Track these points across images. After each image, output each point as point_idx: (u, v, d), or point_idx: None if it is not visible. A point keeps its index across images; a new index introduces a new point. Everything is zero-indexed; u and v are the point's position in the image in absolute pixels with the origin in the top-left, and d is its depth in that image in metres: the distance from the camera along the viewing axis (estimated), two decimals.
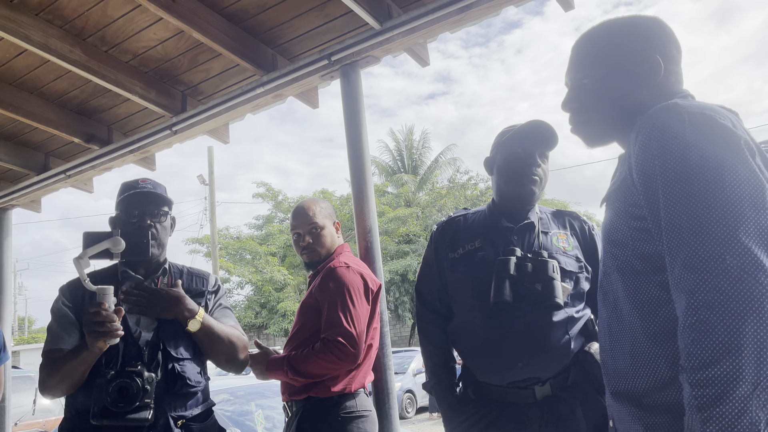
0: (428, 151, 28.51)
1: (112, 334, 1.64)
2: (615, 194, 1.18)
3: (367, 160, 2.70)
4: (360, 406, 2.19)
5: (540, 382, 1.85)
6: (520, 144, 1.99)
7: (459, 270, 2.01)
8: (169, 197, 2.02)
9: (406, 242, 22.43)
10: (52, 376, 1.78)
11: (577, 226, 2.07)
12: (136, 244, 1.84)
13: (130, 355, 1.81)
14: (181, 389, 1.86)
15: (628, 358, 1.13)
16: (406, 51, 2.81)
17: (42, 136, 3.94)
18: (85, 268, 1.73)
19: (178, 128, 3.38)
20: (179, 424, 1.83)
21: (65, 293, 1.93)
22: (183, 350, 1.90)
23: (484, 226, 2.05)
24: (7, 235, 4.46)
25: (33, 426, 7.77)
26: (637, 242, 1.10)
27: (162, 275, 2.01)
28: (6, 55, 3.07)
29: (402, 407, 12.84)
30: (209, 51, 3.05)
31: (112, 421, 1.72)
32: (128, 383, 1.72)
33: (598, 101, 1.27)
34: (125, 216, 1.94)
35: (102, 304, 1.64)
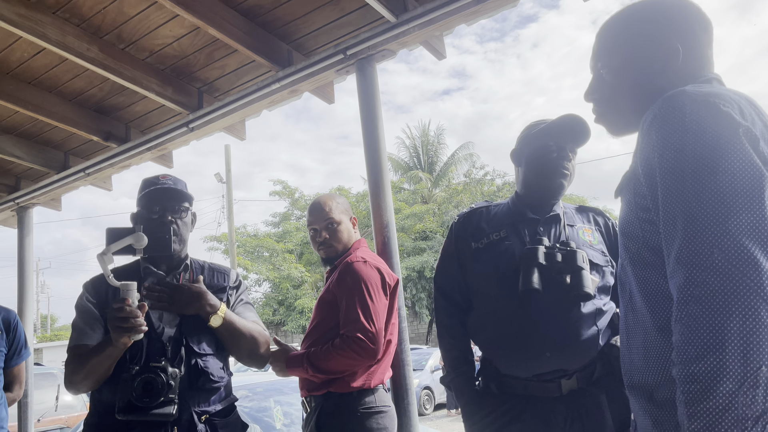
0: (444, 147, 28.45)
1: (136, 330, 1.65)
2: (626, 185, 1.16)
3: (384, 154, 2.68)
4: (379, 401, 2.18)
5: (566, 375, 1.82)
6: (552, 137, 1.96)
7: (483, 260, 1.98)
8: (189, 193, 2.02)
9: (422, 239, 22.41)
10: (77, 372, 1.79)
11: (601, 222, 2.06)
12: (158, 239, 1.85)
13: (153, 351, 1.82)
14: (204, 384, 1.87)
15: (641, 351, 1.11)
16: (422, 44, 2.78)
17: (61, 134, 3.98)
18: (108, 264, 1.74)
19: (194, 125, 3.39)
20: (203, 419, 1.84)
21: (89, 289, 1.94)
22: (205, 346, 1.90)
23: (509, 217, 2.03)
24: (28, 233, 4.52)
25: (56, 422, 7.88)
26: (646, 234, 1.08)
27: (183, 271, 2.01)
28: (24, 55, 3.10)
29: (420, 404, 12.84)
30: (225, 47, 3.05)
31: (137, 416, 1.73)
32: (153, 378, 1.73)
33: (617, 92, 1.25)
34: (146, 212, 1.95)
35: (126, 300, 1.64)
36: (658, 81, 1.19)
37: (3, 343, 2.73)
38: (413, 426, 2.39)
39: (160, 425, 1.76)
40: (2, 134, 3.93)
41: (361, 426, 2.11)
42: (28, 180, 4.52)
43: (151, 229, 1.85)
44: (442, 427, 11.07)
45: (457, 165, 26.88)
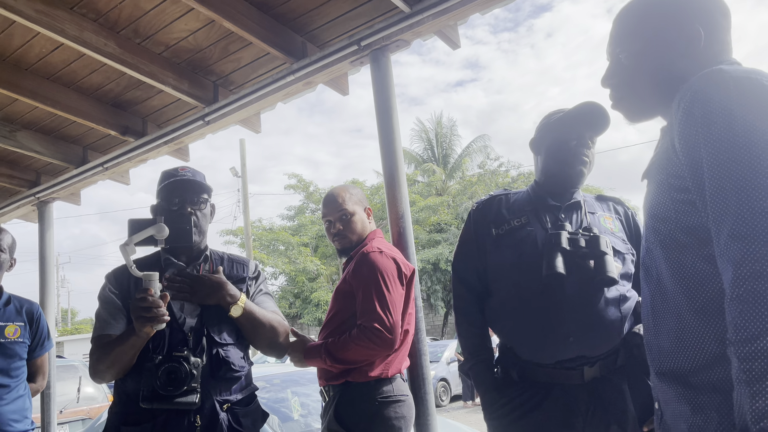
0: (458, 139, 28.33)
1: (158, 320, 1.66)
2: (657, 167, 1.15)
3: (399, 145, 2.68)
4: (397, 390, 2.19)
5: (589, 362, 1.81)
6: (572, 125, 1.96)
7: (504, 246, 1.97)
8: (208, 184, 2.04)
9: (437, 231, 22.38)
10: (101, 362, 1.82)
11: (621, 212, 2.06)
12: (180, 230, 1.87)
13: (175, 341, 1.85)
14: (226, 374, 1.89)
15: (674, 335, 1.09)
16: (436, 34, 2.77)
17: (80, 129, 4.02)
18: (131, 254, 1.75)
19: (210, 118, 3.41)
20: (224, 407, 1.86)
21: (111, 280, 1.97)
22: (226, 335, 1.93)
23: (530, 204, 2.02)
24: (49, 228, 4.58)
25: (77, 413, 8.00)
26: (680, 215, 1.07)
27: (203, 262, 2.04)
28: (43, 50, 3.14)
29: (436, 395, 12.87)
30: (240, 40, 3.06)
31: (161, 405, 1.76)
32: (176, 368, 1.76)
33: (636, 76, 1.24)
34: (166, 204, 1.98)
35: (148, 290, 1.66)
36: (678, 65, 1.18)
37: (27, 334, 2.78)
38: (430, 415, 2.40)
39: (183, 413, 1.79)
40: (22, 130, 3.98)
41: (379, 414, 2.12)
42: (48, 175, 4.58)
43: (171, 221, 1.87)
44: (459, 418, 11.09)
45: (471, 156, 26.76)
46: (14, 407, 2.66)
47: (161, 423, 1.78)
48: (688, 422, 1.05)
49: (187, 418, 1.80)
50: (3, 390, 2.62)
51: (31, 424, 2.76)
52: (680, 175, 1.06)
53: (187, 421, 1.80)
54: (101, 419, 5.79)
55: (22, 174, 4.58)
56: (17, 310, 2.80)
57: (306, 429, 3.72)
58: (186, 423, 1.79)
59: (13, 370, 2.68)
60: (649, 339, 1.19)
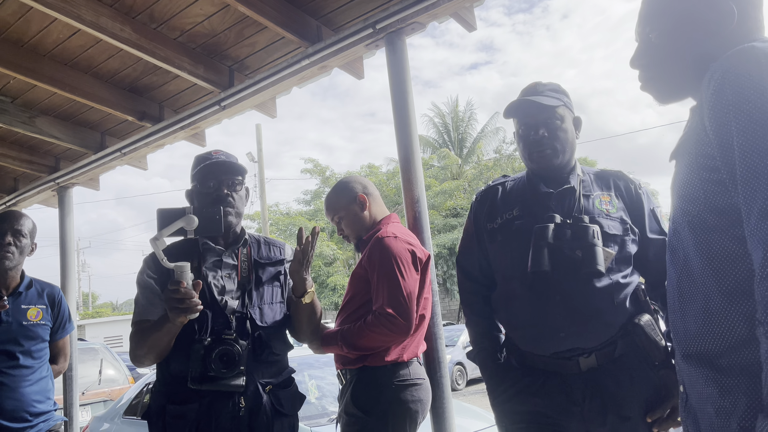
0: (474, 122, 28.11)
1: (191, 310, 1.67)
2: (685, 147, 1.13)
3: (414, 129, 2.67)
4: (413, 374, 2.20)
5: (585, 353, 1.79)
6: (517, 119, 1.96)
7: (498, 240, 1.97)
8: (242, 166, 2.03)
9: (453, 216, 22.32)
10: (140, 346, 1.86)
11: (623, 186, 1.96)
12: (210, 220, 1.84)
13: (218, 324, 1.86)
14: (268, 357, 1.92)
15: (701, 317, 1.08)
16: (452, 16, 2.74)
17: (98, 115, 4.05)
18: (161, 247, 1.74)
19: (226, 103, 3.42)
20: (267, 389, 1.89)
21: (149, 264, 1.96)
22: (268, 318, 1.94)
23: (522, 194, 1.99)
24: (68, 213, 4.64)
25: (99, 395, 8.16)
26: (710, 195, 1.05)
27: (242, 246, 2.03)
28: (60, 36, 3.16)
29: (452, 379, 12.92)
30: (255, 24, 3.05)
31: (209, 386, 1.79)
32: (230, 350, 1.79)
33: (666, 55, 1.22)
34: (201, 187, 1.97)
35: (180, 282, 1.65)
36: (710, 43, 1.16)
37: (48, 317, 2.83)
38: (446, 398, 2.41)
39: (228, 395, 1.81)
40: (42, 115, 4.02)
41: (395, 397, 2.14)
42: (67, 160, 4.63)
43: (204, 207, 1.88)
44: (475, 402, 11.13)
45: (487, 139, 26.57)
46: (38, 388, 2.71)
47: (207, 404, 1.81)
48: (716, 405, 1.03)
49: (232, 400, 1.82)
50: (26, 371, 2.67)
51: (54, 405, 2.82)
52: (710, 155, 1.04)
53: (231, 403, 1.82)
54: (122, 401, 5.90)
55: (41, 160, 4.64)
56: (39, 293, 2.84)
57: (322, 412, 3.75)
58: (231, 405, 1.81)
59: (36, 352, 2.73)
60: (676, 321, 1.18)
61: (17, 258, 2.73)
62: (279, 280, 2.05)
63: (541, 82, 1.98)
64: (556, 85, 1.97)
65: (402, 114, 2.65)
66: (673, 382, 1.75)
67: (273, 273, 2.04)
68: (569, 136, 1.92)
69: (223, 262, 1.98)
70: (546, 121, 1.89)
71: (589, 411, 1.78)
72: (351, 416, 2.16)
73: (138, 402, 5.72)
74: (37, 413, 2.69)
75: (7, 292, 2.74)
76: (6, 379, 2.61)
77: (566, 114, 1.92)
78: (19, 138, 4.35)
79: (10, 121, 3.85)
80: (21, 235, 2.74)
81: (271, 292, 2.00)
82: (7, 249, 2.68)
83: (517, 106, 1.93)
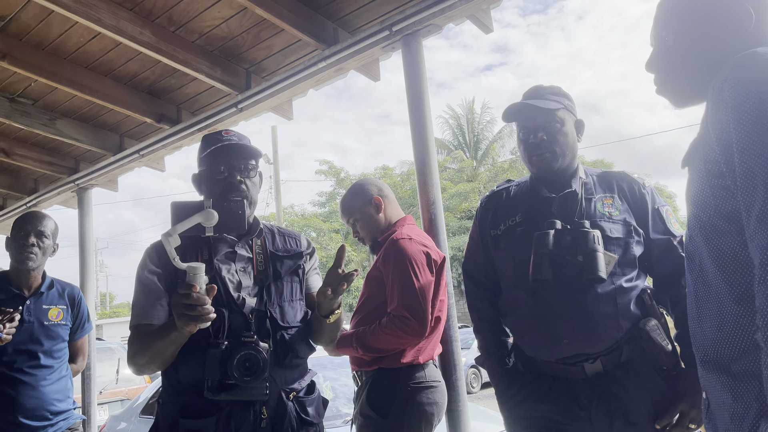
0: (491, 125, 28.02)
1: (203, 318, 1.45)
2: (695, 153, 1.12)
3: (430, 131, 2.67)
4: (429, 376, 2.20)
5: (590, 358, 1.78)
6: (517, 122, 1.96)
7: (501, 247, 1.97)
8: (257, 148, 1.79)
9: (468, 218, 22.26)
10: (140, 354, 1.63)
11: (626, 187, 1.93)
12: (231, 216, 1.64)
13: (236, 324, 1.64)
14: (291, 361, 1.72)
15: (715, 323, 1.07)
16: (468, 18, 2.73)
17: (117, 117, 4.10)
18: (174, 244, 1.50)
19: (243, 106, 3.44)
20: (291, 397, 1.70)
21: (152, 256, 1.72)
22: (289, 318, 1.74)
23: (525, 199, 1.99)
24: (87, 213, 4.70)
25: (117, 394, 8.24)
26: (718, 201, 1.04)
27: (256, 237, 1.82)
28: (81, 40, 3.20)
29: (467, 382, 12.87)
30: (272, 27, 3.07)
31: (228, 396, 1.57)
32: (254, 355, 1.56)
33: (683, 58, 1.21)
34: (211, 173, 1.75)
35: (192, 286, 1.43)
36: (728, 46, 1.15)
37: (68, 317, 2.87)
38: (461, 401, 2.40)
39: (248, 405, 1.61)
40: (62, 118, 4.08)
41: (411, 400, 2.13)
42: (86, 162, 4.69)
43: (221, 202, 1.64)
44: (490, 405, 11.07)
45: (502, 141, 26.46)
46: (57, 387, 2.75)
47: (225, 415, 1.59)
48: (730, 410, 1.03)
49: (253, 410, 1.61)
50: (47, 371, 2.71)
51: (73, 404, 2.86)
52: (715, 160, 1.03)
53: (253, 412, 1.61)
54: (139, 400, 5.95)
55: (62, 161, 4.70)
56: (60, 293, 2.88)
57: (336, 413, 3.75)
58: (252, 415, 1.61)
59: (56, 352, 2.77)
60: (693, 327, 1.17)
61: (40, 259, 2.78)
62: (298, 275, 1.83)
63: (542, 86, 1.98)
64: (557, 88, 1.97)
65: (418, 116, 2.65)
66: (682, 388, 1.74)
67: (292, 267, 1.81)
68: (569, 140, 1.91)
69: (237, 254, 1.76)
70: (545, 125, 1.89)
71: (596, 416, 1.77)
72: (366, 418, 2.16)
73: (155, 401, 5.77)
74: (57, 412, 2.73)
75: (29, 292, 2.78)
76: (27, 378, 2.64)
77: (567, 117, 1.92)
78: (40, 140, 4.42)
79: (32, 123, 3.91)
80: (44, 236, 2.78)
81: (290, 288, 1.79)
82: (31, 250, 2.72)
83: (516, 109, 1.93)
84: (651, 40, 1.29)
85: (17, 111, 3.83)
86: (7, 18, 3.00)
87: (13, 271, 2.77)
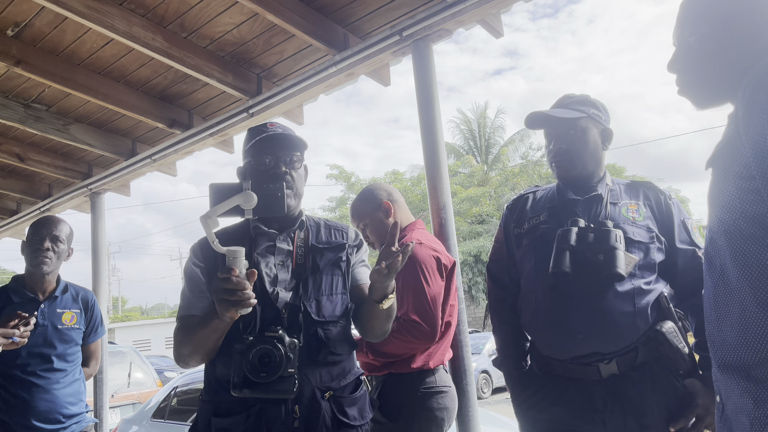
0: (501, 129, 27.97)
1: (243, 303, 1.42)
2: (721, 155, 1.11)
3: (441, 135, 2.67)
4: (440, 381, 2.19)
5: (605, 358, 1.77)
6: (544, 129, 2.03)
7: (524, 244, 1.99)
8: (302, 139, 1.76)
9: (478, 222, 22.20)
10: (184, 345, 1.62)
11: (652, 197, 1.97)
12: (270, 198, 1.58)
13: (268, 319, 1.61)
14: (326, 357, 1.65)
15: (737, 328, 1.06)
16: (478, 22, 2.73)
17: (129, 122, 4.14)
18: (213, 227, 1.48)
19: (254, 111, 3.46)
20: (326, 396, 1.63)
21: (196, 252, 1.74)
22: (327, 312, 1.67)
23: (551, 201, 2.02)
24: (100, 218, 4.74)
25: (128, 398, 8.29)
26: (745, 204, 1.03)
27: (299, 229, 1.78)
28: (94, 46, 3.23)
29: (478, 387, 12.81)
30: (283, 32, 3.09)
31: (253, 393, 1.53)
32: (269, 350, 1.52)
33: (706, 59, 1.19)
34: (256, 164, 1.72)
35: (232, 270, 1.41)
36: (752, 48, 1.14)
37: (82, 321, 2.89)
38: (472, 406, 2.39)
39: (279, 402, 1.57)
40: (76, 123, 4.12)
41: (422, 405, 2.13)
42: (99, 167, 4.73)
43: (261, 186, 1.57)
44: (501, 410, 11.01)
45: (513, 145, 26.40)
46: (71, 390, 2.77)
47: (255, 413, 1.56)
48: (750, 416, 1.02)
49: (285, 408, 1.57)
50: (60, 374, 2.73)
51: (86, 407, 2.87)
52: (745, 163, 1.02)
53: (284, 410, 1.57)
54: (150, 404, 5.98)
55: (75, 166, 4.75)
56: (73, 297, 2.90)
57: None
58: (283, 413, 1.56)
59: (70, 356, 2.78)
60: (712, 331, 1.16)
61: (54, 263, 2.80)
62: (340, 267, 1.76)
63: (570, 95, 2.03)
64: (584, 97, 2.01)
65: (428, 121, 2.65)
66: (698, 392, 1.72)
67: (332, 259, 1.75)
68: (590, 148, 1.95)
69: (277, 248, 1.72)
70: (565, 134, 1.94)
71: (609, 419, 1.76)
72: (376, 423, 2.16)
73: (166, 405, 5.80)
74: (70, 415, 2.74)
75: (44, 296, 2.80)
76: (41, 381, 2.66)
77: (590, 126, 1.95)
78: (54, 145, 4.46)
79: (45, 128, 3.95)
80: (59, 241, 2.80)
81: (330, 282, 1.73)
82: (45, 254, 2.75)
83: (536, 119, 2.01)
84: (673, 40, 1.28)
85: (31, 116, 3.88)
86: (21, 25, 3.04)
87: (28, 274, 2.80)
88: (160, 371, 11.98)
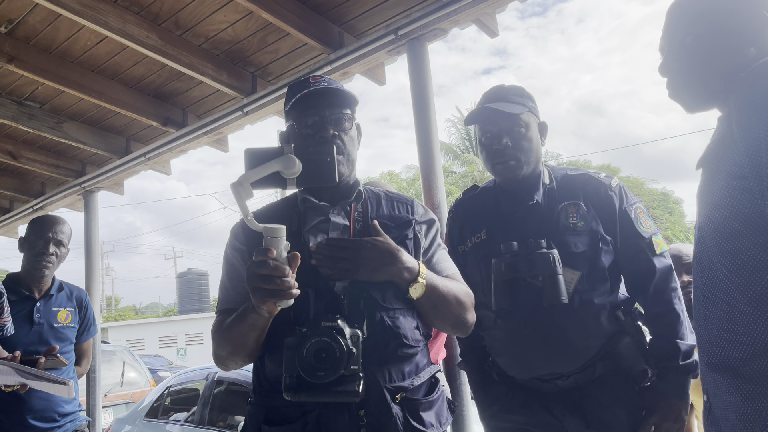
0: None
1: (282, 293, 1.17)
2: (712, 154, 1.12)
3: (436, 136, 2.67)
4: None
5: (563, 377, 1.76)
6: (479, 126, 1.87)
7: (470, 264, 1.90)
8: (352, 94, 1.48)
9: None
10: (221, 345, 1.39)
11: (592, 192, 1.81)
12: (318, 164, 1.29)
13: (324, 306, 1.34)
14: (396, 350, 1.37)
15: (725, 325, 1.07)
16: (473, 22, 2.74)
17: (123, 120, 4.12)
18: (247, 198, 1.21)
19: (249, 109, 3.45)
20: (398, 398, 1.35)
21: (237, 234, 1.50)
22: (393, 296, 1.39)
23: (489, 214, 1.92)
24: (94, 217, 4.72)
25: (121, 397, 8.27)
26: (736, 203, 1.04)
27: (355, 201, 1.51)
28: (88, 43, 3.22)
29: None
30: (277, 31, 3.08)
31: (310, 396, 1.26)
32: (328, 343, 1.23)
33: (700, 60, 1.20)
34: (299, 127, 1.47)
35: (269, 251, 1.16)
36: (746, 51, 1.15)
37: (76, 320, 2.88)
38: (465, 406, 2.39)
39: (342, 407, 1.30)
40: (69, 121, 4.10)
41: None
42: (93, 165, 4.71)
43: (307, 149, 1.32)
44: None
45: None
46: None
47: (313, 421, 1.30)
48: (738, 412, 1.03)
49: (349, 413, 1.31)
50: (55, 373, 2.72)
51: (79, 406, 2.86)
52: (738, 163, 1.03)
53: (348, 417, 1.30)
54: (144, 403, 5.97)
55: (68, 164, 4.73)
56: (68, 296, 2.90)
57: None
58: (347, 419, 1.30)
59: (64, 354, 2.77)
60: (700, 329, 1.17)
61: (56, 266, 2.81)
62: (407, 246, 1.47)
63: (504, 86, 1.90)
64: (520, 88, 1.88)
65: (423, 121, 2.65)
66: (650, 401, 1.72)
67: (397, 237, 1.46)
68: (534, 145, 1.84)
69: (332, 223, 1.47)
70: (509, 130, 1.80)
71: (569, 426, 1.76)
72: None
73: (159, 405, 5.79)
74: (65, 413, 2.74)
75: (39, 294, 2.80)
76: None
77: (531, 120, 1.84)
78: (47, 143, 4.44)
79: (39, 126, 3.93)
80: (62, 245, 2.81)
81: None
82: (49, 259, 2.75)
83: (478, 114, 1.85)
84: (662, 45, 1.29)
85: (24, 114, 3.86)
86: (15, 22, 3.02)
87: (24, 273, 2.79)
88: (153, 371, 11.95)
